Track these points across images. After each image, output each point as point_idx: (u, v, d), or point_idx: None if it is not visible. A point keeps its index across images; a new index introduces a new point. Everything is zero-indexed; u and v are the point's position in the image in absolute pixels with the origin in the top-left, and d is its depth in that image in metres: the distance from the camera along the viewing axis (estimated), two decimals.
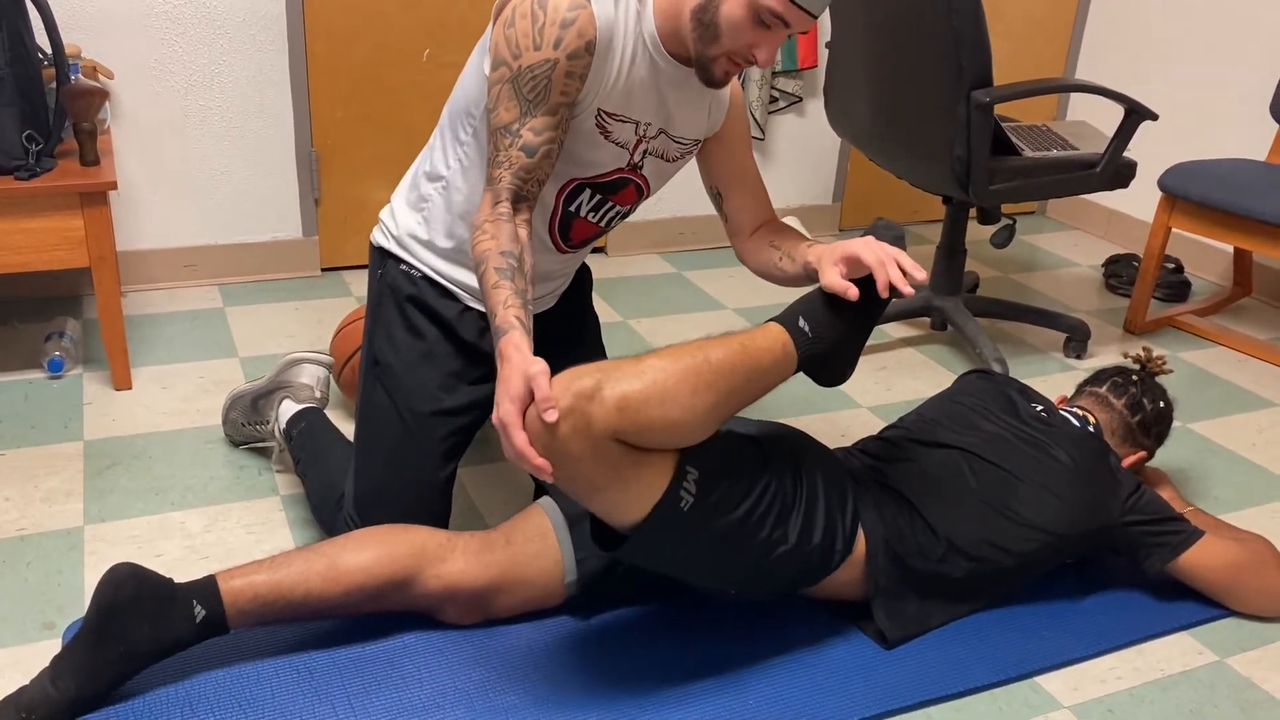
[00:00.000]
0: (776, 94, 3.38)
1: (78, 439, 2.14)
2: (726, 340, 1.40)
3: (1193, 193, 2.77)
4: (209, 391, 2.36)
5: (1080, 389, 2.01)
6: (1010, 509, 1.67)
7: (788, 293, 3.09)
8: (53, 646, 1.58)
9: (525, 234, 1.49)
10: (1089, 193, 2.61)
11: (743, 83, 3.23)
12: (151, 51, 2.69)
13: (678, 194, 3.36)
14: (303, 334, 2.67)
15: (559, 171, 1.59)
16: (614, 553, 1.46)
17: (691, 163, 1.72)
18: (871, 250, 1.47)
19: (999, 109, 2.49)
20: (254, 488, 2.02)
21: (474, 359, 1.71)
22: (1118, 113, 2.57)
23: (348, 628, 1.61)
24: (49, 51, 2.23)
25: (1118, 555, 1.80)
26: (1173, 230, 2.89)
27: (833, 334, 1.48)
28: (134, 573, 1.42)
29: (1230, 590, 1.76)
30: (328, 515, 1.79)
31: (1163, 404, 1.95)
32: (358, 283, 3.01)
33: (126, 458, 2.09)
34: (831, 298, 1.49)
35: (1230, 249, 3.32)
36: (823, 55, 3.35)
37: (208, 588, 1.45)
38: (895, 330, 2.94)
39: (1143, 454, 1.91)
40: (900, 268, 1.46)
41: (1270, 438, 2.46)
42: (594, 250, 3.26)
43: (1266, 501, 2.19)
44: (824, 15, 3.22)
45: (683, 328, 2.84)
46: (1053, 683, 1.64)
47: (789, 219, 3.46)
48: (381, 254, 1.74)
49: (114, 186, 2.16)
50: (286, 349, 2.56)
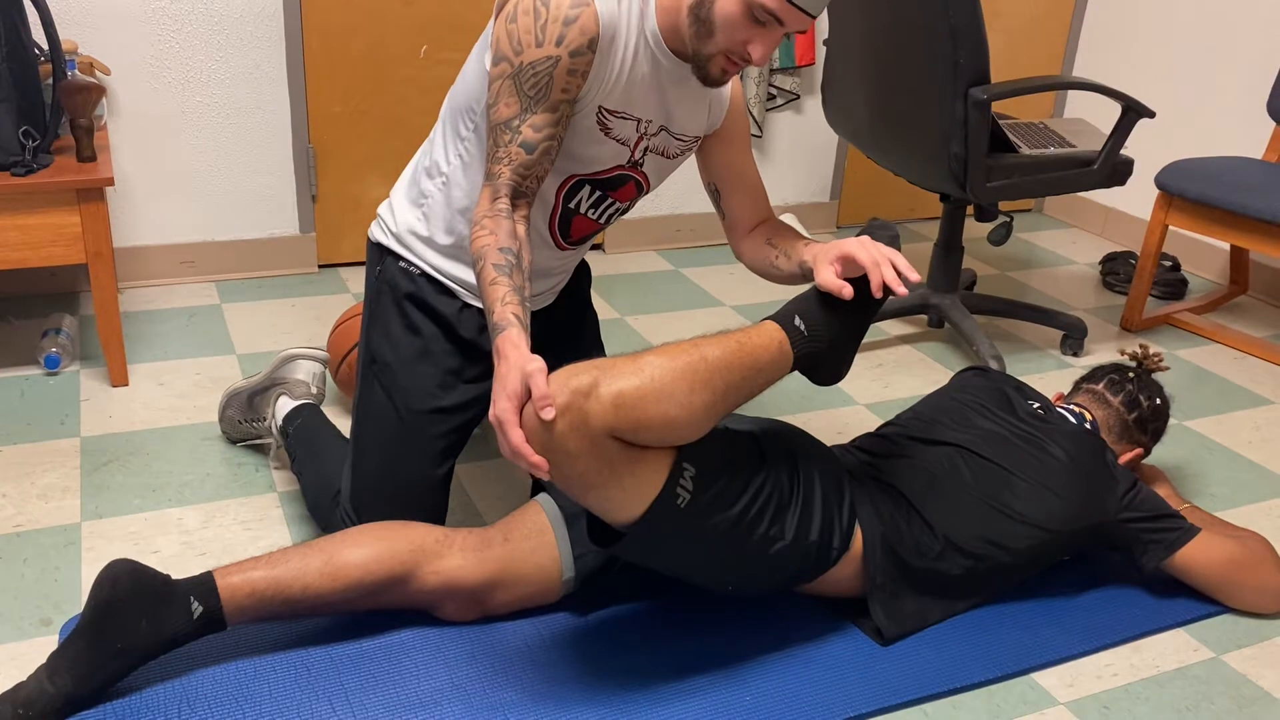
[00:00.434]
0: (774, 91, 3.38)
1: (74, 435, 2.14)
2: (723, 338, 1.40)
3: (1190, 190, 2.77)
4: (206, 388, 2.36)
5: (1077, 386, 2.01)
6: (1007, 506, 1.67)
7: (785, 290, 3.09)
8: (49, 643, 1.58)
9: (524, 230, 1.49)
10: (1086, 190, 2.62)
11: (741, 80, 3.23)
12: (148, 47, 2.68)
13: (675, 191, 3.36)
14: (299, 330, 2.67)
15: (559, 168, 1.58)
16: (610, 549, 1.46)
17: (690, 160, 1.72)
18: (866, 250, 1.47)
19: (996, 106, 2.49)
20: (251, 484, 2.02)
21: (472, 356, 1.70)
22: (1115, 110, 2.57)
23: (345, 624, 1.61)
24: (45, 47, 2.23)
25: (1114, 552, 1.80)
26: (1170, 228, 2.89)
27: (828, 333, 1.48)
28: (131, 569, 1.42)
29: (1226, 587, 1.77)
30: (324, 512, 1.79)
31: (1159, 401, 1.96)
32: (354, 279, 3.00)
33: (123, 454, 2.09)
34: (827, 297, 1.50)
35: (1227, 247, 3.33)
36: (820, 52, 3.35)
37: (205, 584, 1.45)
38: (892, 328, 2.94)
39: (1139, 451, 1.92)
40: (895, 268, 1.46)
41: (1266, 435, 2.46)
42: (592, 247, 3.26)
43: (1262, 499, 2.19)
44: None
45: (680, 325, 2.84)
46: (1049, 679, 1.64)
47: (786, 216, 3.46)
48: (380, 250, 1.73)
49: (111, 183, 2.16)
50: (283, 345, 2.56)
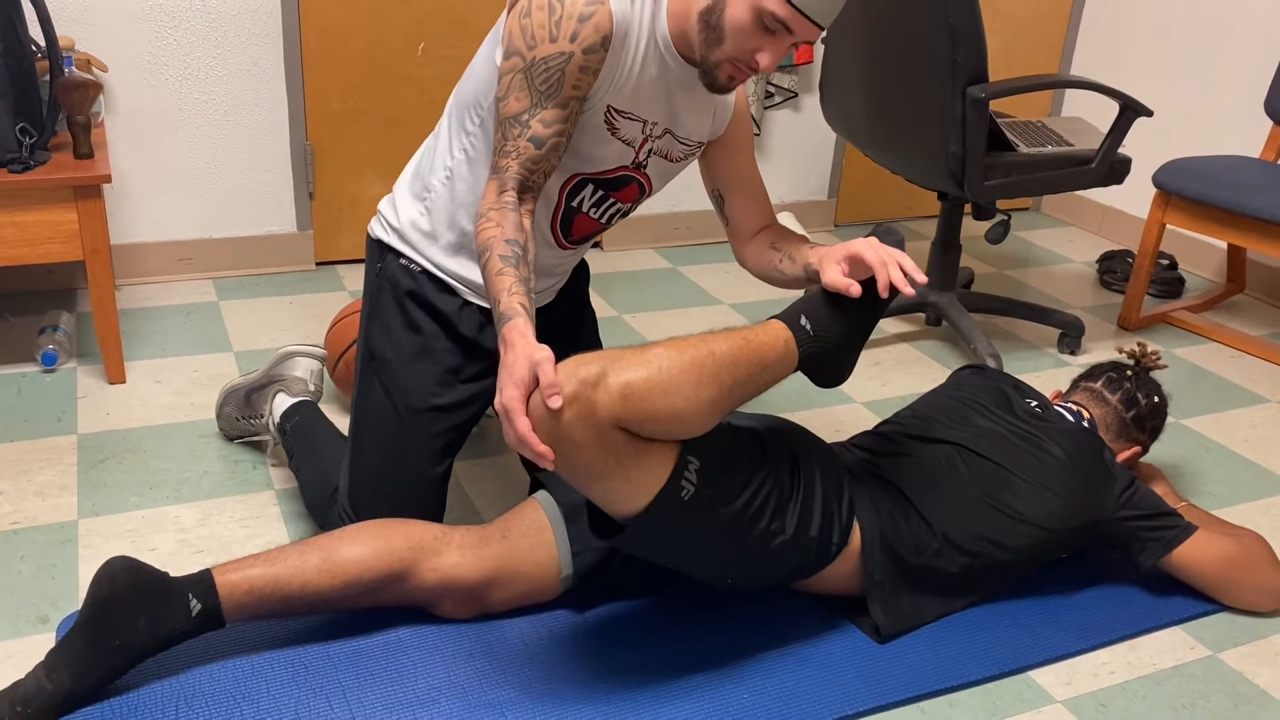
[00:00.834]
0: (772, 89, 3.38)
1: (71, 432, 2.14)
2: (730, 334, 1.41)
3: (1187, 189, 2.77)
4: (203, 385, 2.36)
5: (1075, 384, 2.02)
6: (1005, 503, 1.68)
7: (783, 289, 3.09)
8: (47, 640, 1.58)
9: (529, 224, 1.50)
10: (1084, 189, 2.62)
11: None
12: (146, 44, 2.68)
13: (673, 189, 3.36)
14: (297, 328, 2.67)
15: (563, 165, 1.59)
16: (612, 541, 1.46)
17: (691, 162, 1.73)
18: (874, 250, 1.48)
19: (994, 104, 2.49)
20: (248, 482, 2.02)
21: (472, 354, 1.70)
22: (1113, 109, 2.57)
23: (343, 622, 1.61)
24: (43, 44, 2.22)
25: (1111, 550, 1.80)
26: (1167, 226, 2.89)
27: (834, 333, 1.49)
28: (129, 566, 1.41)
29: (1223, 585, 1.77)
30: (322, 509, 1.79)
31: (1157, 399, 1.96)
32: (352, 277, 3.00)
33: (120, 451, 2.09)
34: (833, 297, 1.50)
35: (1224, 245, 3.33)
36: (818, 51, 3.35)
37: (203, 581, 1.45)
38: (890, 326, 2.94)
39: (1137, 449, 1.92)
40: (902, 269, 1.46)
41: (1263, 433, 2.46)
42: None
43: (1259, 497, 2.19)
44: None
45: (678, 323, 2.84)
46: (1046, 677, 1.64)
47: (784, 215, 3.46)
48: (380, 248, 1.73)
49: (108, 180, 2.16)
50: (280, 343, 2.56)
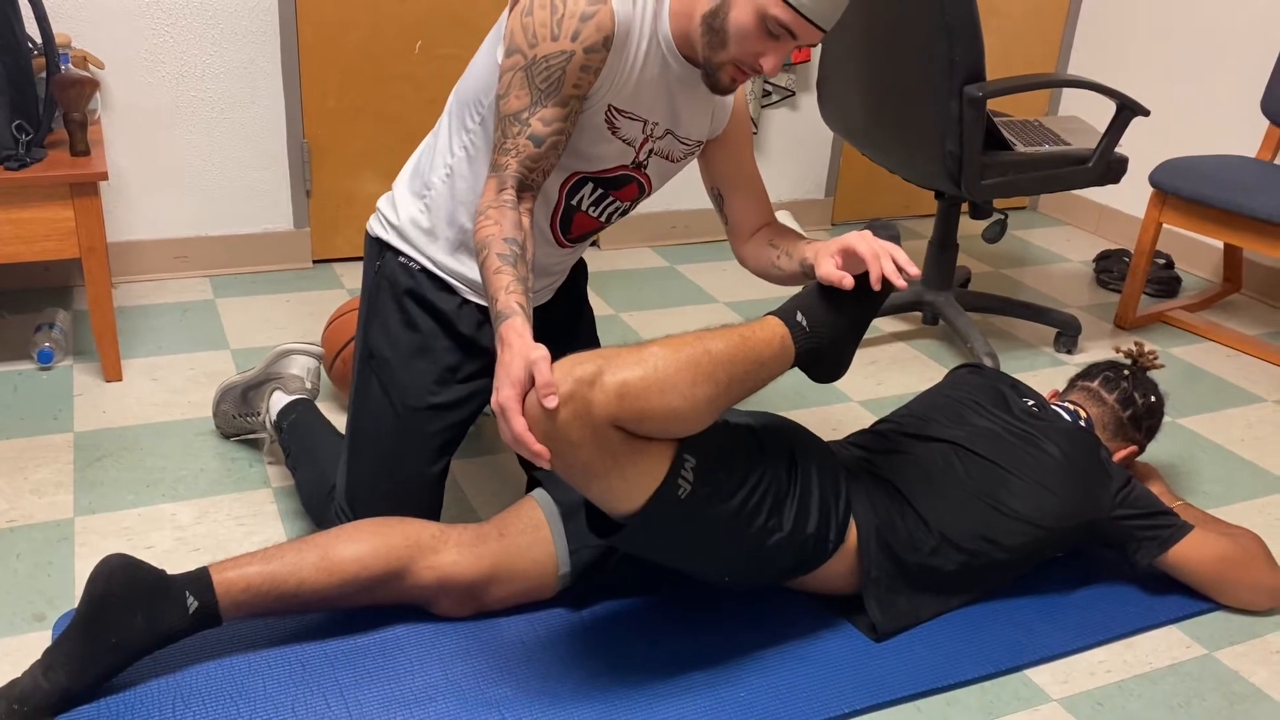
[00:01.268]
0: (770, 88, 3.38)
1: (68, 430, 2.14)
2: (726, 332, 1.41)
3: (1183, 189, 2.78)
4: (200, 383, 2.35)
5: (1072, 384, 2.02)
6: (1001, 502, 1.68)
7: (780, 287, 3.09)
8: (43, 639, 1.58)
9: (528, 223, 1.50)
10: (1081, 188, 2.62)
11: None
12: (142, 41, 2.67)
13: (670, 188, 3.35)
14: (294, 326, 2.67)
15: (563, 164, 1.59)
16: (610, 540, 1.46)
17: (690, 162, 1.73)
18: (867, 243, 1.48)
19: (991, 104, 2.49)
20: (245, 479, 2.02)
21: (471, 353, 1.70)
22: (1110, 108, 2.58)
23: (340, 620, 1.61)
24: (39, 41, 2.22)
25: (1107, 549, 1.81)
26: (1163, 226, 2.90)
27: (829, 329, 1.49)
28: (126, 564, 1.41)
29: (1218, 584, 1.77)
30: (319, 507, 1.79)
31: (1154, 399, 1.96)
32: (349, 275, 3.00)
33: (117, 449, 2.08)
34: (828, 292, 1.50)
35: (1220, 245, 3.34)
36: (816, 50, 3.35)
37: (201, 579, 1.45)
38: (886, 325, 2.94)
39: (1133, 448, 1.92)
40: (895, 262, 1.46)
41: (1259, 433, 2.47)
42: None
43: (1255, 496, 2.20)
44: None
45: (675, 321, 2.84)
46: (1042, 675, 1.65)
47: (781, 213, 3.46)
48: (379, 245, 1.73)
49: (104, 177, 2.15)
50: (277, 341, 2.56)
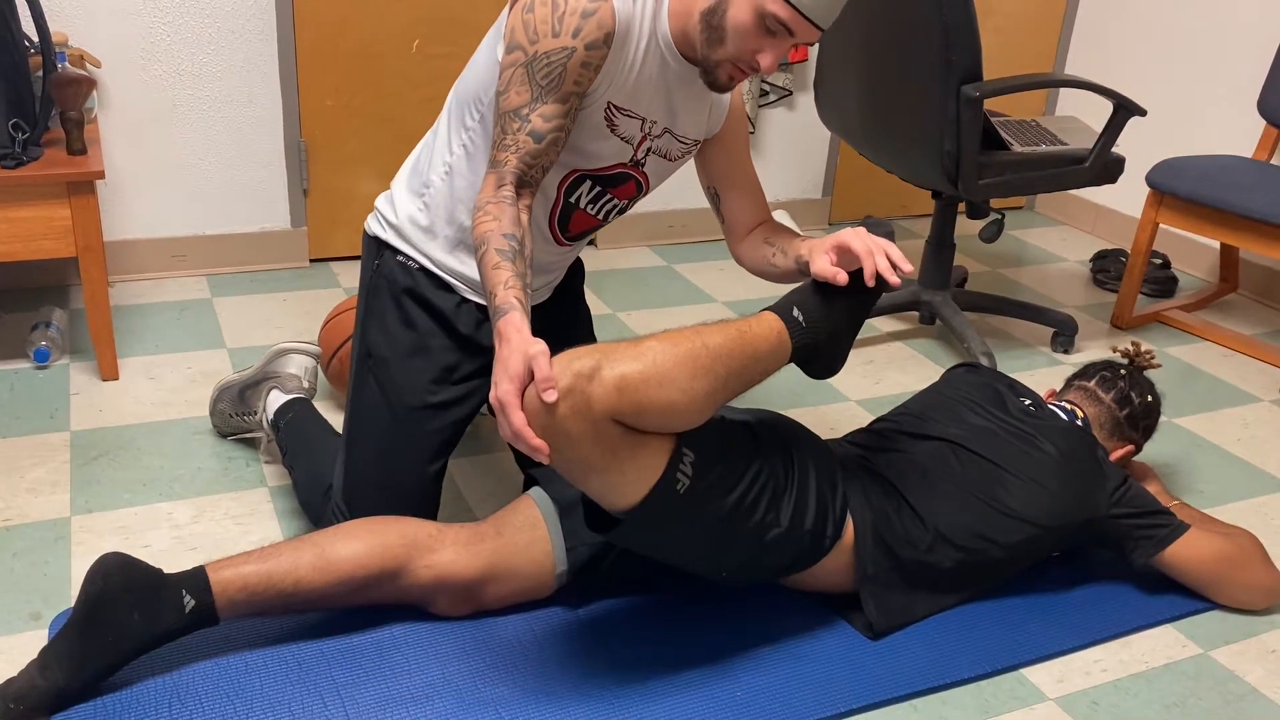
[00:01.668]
0: (767, 88, 3.38)
1: (64, 429, 2.13)
2: (723, 326, 1.41)
3: (1180, 189, 2.78)
4: (196, 382, 2.35)
5: (1069, 383, 2.02)
6: (998, 500, 1.68)
7: (777, 287, 3.09)
8: (39, 637, 1.58)
9: (526, 219, 1.50)
10: (1077, 188, 2.62)
11: None
12: (139, 40, 2.67)
13: (668, 187, 3.35)
14: (290, 325, 2.67)
15: (562, 161, 1.59)
16: (608, 536, 1.46)
17: (688, 160, 1.74)
18: (861, 239, 1.48)
19: (989, 103, 2.49)
20: (242, 479, 2.01)
21: (469, 352, 1.70)
22: (1106, 108, 2.58)
23: (337, 619, 1.61)
24: (36, 39, 2.22)
25: (1104, 548, 1.81)
26: (1160, 226, 2.90)
27: (825, 324, 1.49)
28: (123, 562, 1.41)
29: (1215, 584, 1.78)
30: (316, 506, 1.79)
31: (1150, 398, 1.97)
32: (346, 274, 3.00)
33: (113, 448, 2.08)
34: (824, 288, 1.50)
35: (1217, 245, 3.34)
36: (813, 49, 3.35)
37: (197, 578, 1.45)
38: (883, 324, 2.95)
39: (1130, 448, 1.92)
40: (889, 259, 1.47)
41: (1255, 433, 2.47)
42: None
43: (1251, 496, 2.20)
44: None
45: (672, 321, 2.84)
46: (1038, 675, 1.65)
47: (779, 213, 3.46)
48: (378, 244, 1.73)
49: (101, 176, 2.15)
50: (274, 340, 2.56)
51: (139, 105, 2.73)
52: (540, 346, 1.29)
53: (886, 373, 2.65)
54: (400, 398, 1.68)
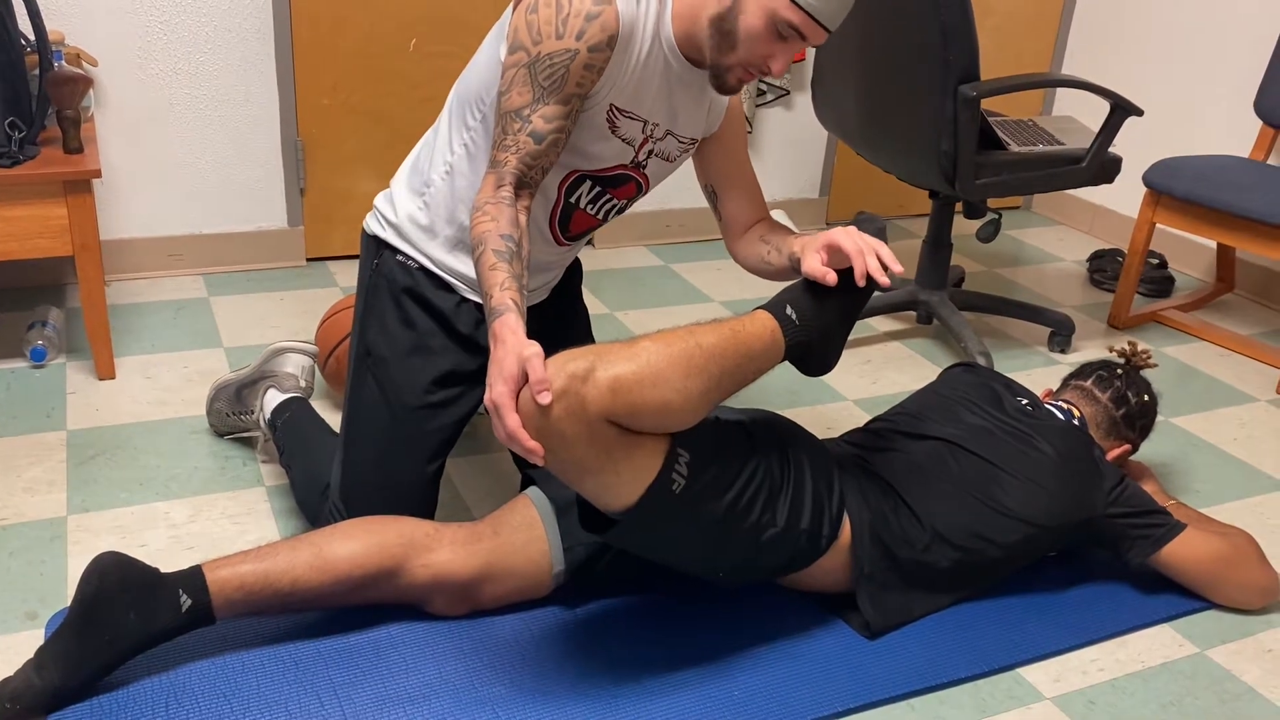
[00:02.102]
0: (764, 87, 3.38)
1: (60, 428, 2.13)
2: (717, 326, 1.41)
3: (1177, 188, 2.78)
4: (193, 381, 2.35)
5: (1065, 383, 2.02)
6: (995, 499, 1.68)
7: (774, 287, 3.09)
8: (35, 637, 1.57)
9: (525, 220, 1.50)
10: (1074, 188, 2.63)
11: None
12: (136, 39, 2.67)
13: (665, 187, 3.35)
14: (287, 324, 2.66)
15: (562, 161, 1.59)
16: (604, 536, 1.46)
17: (686, 160, 1.74)
18: (851, 238, 1.48)
19: (986, 103, 2.49)
20: (239, 478, 2.01)
21: (469, 352, 1.70)
22: (1104, 108, 2.58)
23: (334, 619, 1.61)
24: (32, 38, 2.21)
25: (1100, 548, 1.81)
26: (1157, 226, 2.90)
27: (818, 322, 1.49)
28: (120, 561, 1.41)
29: (1211, 583, 1.78)
30: (313, 506, 1.79)
31: (1147, 398, 1.97)
32: (343, 273, 3.00)
33: (110, 447, 2.08)
34: (816, 287, 1.51)
35: (1214, 245, 3.34)
36: (810, 50, 3.35)
37: (194, 577, 1.44)
38: (880, 324, 2.95)
39: (1127, 447, 1.93)
40: (879, 259, 1.47)
41: (1251, 432, 2.48)
42: None
43: (1247, 495, 2.20)
44: None
45: (669, 320, 2.84)
46: (1035, 674, 1.65)
47: (776, 212, 3.46)
48: (377, 244, 1.73)
49: (98, 174, 2.15)
50: (271, 339, 2.56)
51: (136, 104, 2.72)
52: (535, 348, 1.29)
53: (883, 372, 2.65)
54: (399, 397, 1.68)
